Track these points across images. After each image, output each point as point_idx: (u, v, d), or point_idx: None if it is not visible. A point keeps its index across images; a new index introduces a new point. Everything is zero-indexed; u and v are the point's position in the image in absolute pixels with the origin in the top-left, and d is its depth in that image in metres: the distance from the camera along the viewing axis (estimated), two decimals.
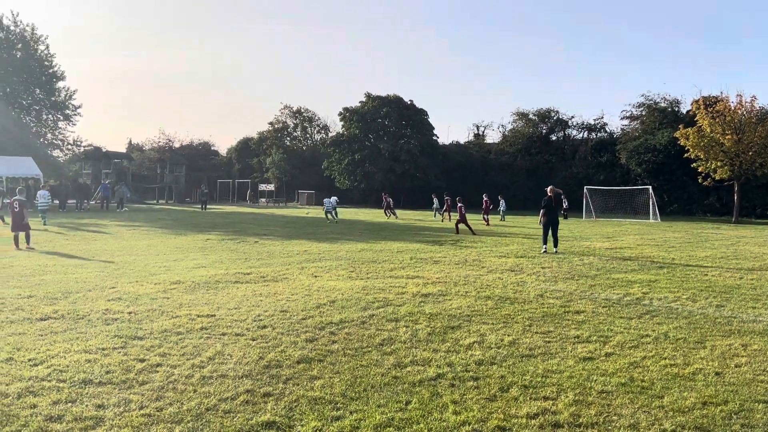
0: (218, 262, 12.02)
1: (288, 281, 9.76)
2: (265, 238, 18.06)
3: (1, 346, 5.58)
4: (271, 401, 4.32)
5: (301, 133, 75.52)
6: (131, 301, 7.79)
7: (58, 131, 48.78)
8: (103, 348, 5.56)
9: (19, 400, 4.23)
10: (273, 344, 5.83)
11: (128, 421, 3.91)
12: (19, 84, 45.48)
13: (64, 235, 17.79)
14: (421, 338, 6.16)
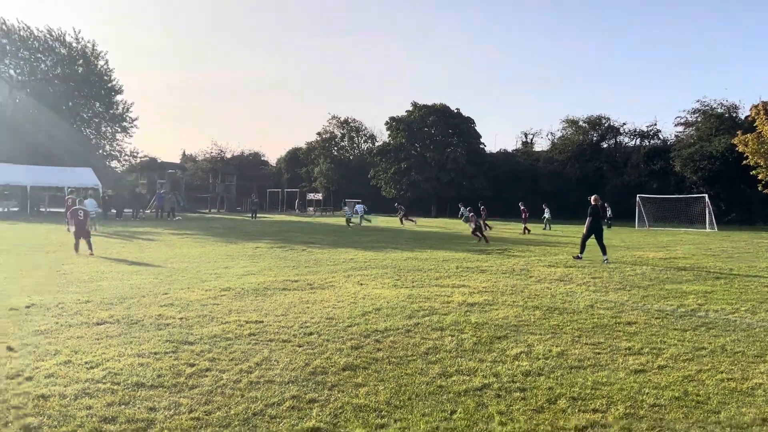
0: (267, 270, 12.22)
1: (334, 289, 9.84)
2: (313, 246, 18.27)
3: (60, 349, 5.81)
4: (316, 407, 4.36)
5: (349, 143, 76.23)
6: (183, 307, 7.99)
7: (116, 143, 50.67)
8: (155, 352, 5.73)
9: (75, 401, 4.39)
10: (319, 351, 5.88)
11: (178, 424, 4.00)
12: (80, 98, 47.51)
13: (120, 243, 18.41)
14: (467, 348, 6.10)
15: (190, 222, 34.28)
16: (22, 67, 45.90)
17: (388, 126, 62.08)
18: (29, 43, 45.46)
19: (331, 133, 74.46)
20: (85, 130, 48.92)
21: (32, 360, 5.39)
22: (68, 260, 13.35)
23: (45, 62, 46.56)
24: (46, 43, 46.07)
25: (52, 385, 4.73)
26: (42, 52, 46.18)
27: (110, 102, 48.93)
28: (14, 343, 5.96)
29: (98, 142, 50.00)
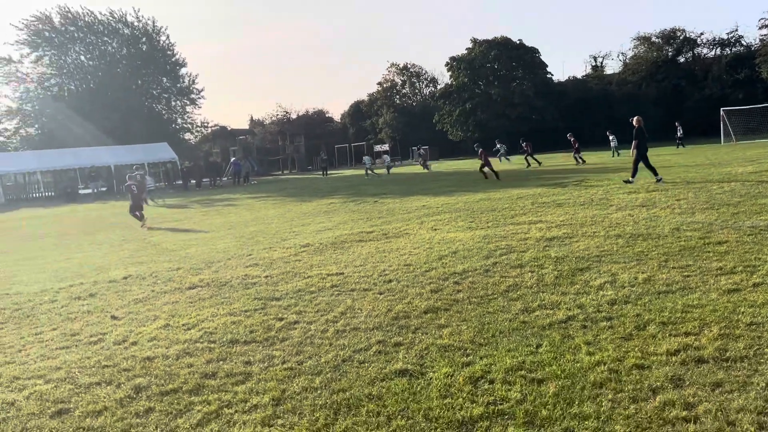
0: (342, 224, 12.43)
1: (409, 236, 9.91)
2: (384, 197, 18.39)
3: (158, 314, 6.19)
4: (402, 350, 4.46)
5: (410, 90, 75.30)
6: (266, 266, 8.30)
7: (186, 115, 52.33)
8: (245, 310, 6.00)
9: (177, 361, 4.69)
10: (399, 297, 5.98)
11: (273, 375, 4.21)
12: (147, 75, 49.11)
13: (201, 211, 19.19)
14: (548, 282, 6.03)
15: (264, 185, 35.23)
16: (92, 52, 47.79)
17: (449, 67, 60.72)
18: (95, 28, 47.13)
19: (392, 82, 73.71)
20: (156, 107, 50.73)
21: (135, 326, 5.78)
22: (155, 233, 14.07)
23: (111, 44, 48.25)
24: (110, 26, 47.63)
25: (155, 347, 5.06)
26: (107, 35, 47.83)
27: (176, 76, 50.35)
28: (117, 312, 6.40)
29: (170, 116, 51.78)
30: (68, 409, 3.94)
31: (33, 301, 7.26)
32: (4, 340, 5.65)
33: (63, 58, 47.00)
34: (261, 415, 3.59)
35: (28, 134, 48.15)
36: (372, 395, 3.73)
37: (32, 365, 4.86)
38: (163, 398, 3.97)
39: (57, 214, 23.50)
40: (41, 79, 47.14)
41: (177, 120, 52.21)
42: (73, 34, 46.33)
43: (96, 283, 8.03)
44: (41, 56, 46.36)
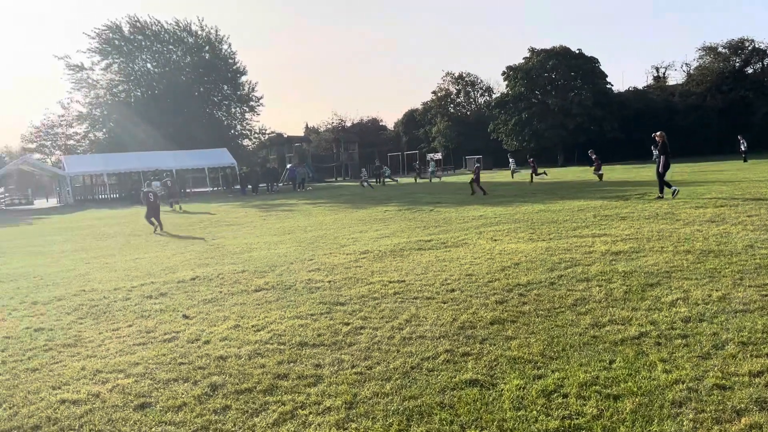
0: (399, 231, 12.49)
1: (468, 246, 9.88)
2: (440, 206, 18.37)
3: (227, 315, 6.37)
4: (470, 360, 4.46)
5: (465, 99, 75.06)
6: (328, 271, 8.43)
7: (245, 122, 53.65)
8: (311, 314, 6.12)
9: (250, 361, 4.83)
10: (464, 306, 5.97)
11: (344, 379, 4.28)
12: (209, 83, 50.66)
13: (261, 216, 19.61)
14: (617, 297, 5.91)
15: (320, 191, 35.71)
16: (157, 60, 49.65)
17: (505, 76, 60.22)
18: (161, 37, 48.99)
19: (446, 91, 73.63)
20: (217, 113, 52.24)
21: (206, 326, 5.97)
22: (218, 234, 14.47)
23: (176, 53, 50.02)
24: (175, 35, 49.40)
25: (227, 347, 5.22)
26: (173, 44, 49.63)
27: (236, 83, 51.74)
28: (188, 311, 6.63)
29: (230, 122, 53.22)
30: (149, 403, 4.11)
31: (108, 298, 7.59)
32: (84, 335, 5.93)
33: (131, 65, 49.02)
34: (335, 417, 3.66)
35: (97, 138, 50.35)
36: (444, 403, 3.75)
37: (112, 359, 5.09)
38: (239, 397, 4.10)
39: (123, 215, 24.45)
40: (110, 86, 49.26)
41: (236, 126, 53.65)
42: (141, 43, 48.32)
43: (166, 283, 8.33)
44: (111, 64, 48.47)
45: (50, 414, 4.01)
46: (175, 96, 47.99)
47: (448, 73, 73.79)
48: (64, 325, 6.37)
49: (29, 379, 4.74)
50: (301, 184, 40.68)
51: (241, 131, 53.71)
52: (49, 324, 6.42)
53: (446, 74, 73.92)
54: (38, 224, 22.85)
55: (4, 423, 3.92)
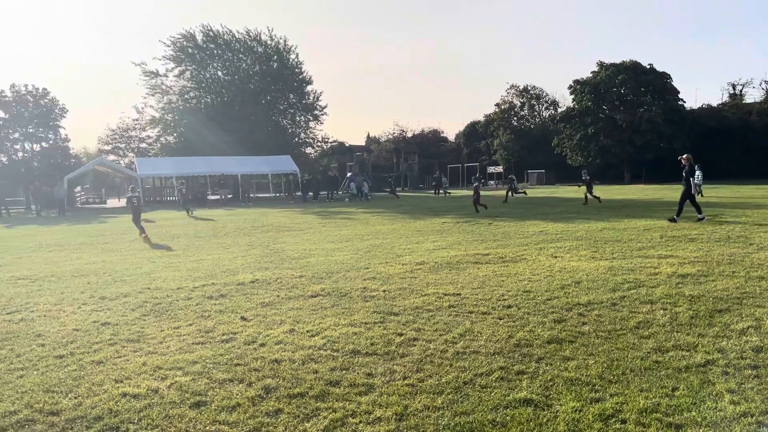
0: (456, 244, 12.39)
1: (527, 262, 9.69)
2: (499, 219, 18.13)
3: (283, 319, 6.47)
4: (525, 379, 4.36)
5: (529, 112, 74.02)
6: (383, 280, 8.44)
7: (309, 130, 54.56)
8: (365, 322, 6.13)
9: (303, 366, 4.88)
10: (520, 324, 5.85)
11: (395, 390, 4.26)
12: (276, 91, 51.83)
13: (320, 222, 19.87)
14: (683, 322, 5.66)
15: (378, 201, 35.90)
16: (228, 68, 51.19)
17: (572, 90, 59.07)
18: (232, 46, 50.54)
19: (510, 103, 72.81)
20: (282, 121, 53.36)
21: (263, 328, 6.08)
22: (278, 239, 14.75)
23: (245, 61, 51.43)
24: (245, 44, 50.86)
25: (282, 351, 5.30)
26: (243, 53, 51.08)
27: (302, 92, 52.71)
28: (246, 313, 6.77)
29: (294, 130, 54.23)
30: (205, 401, 4.21)
31: (171, 297, 7.85)
32: (147, 331, 6.15)
33: (202, 72, 50.76)
34: (385, 428, 3.65)
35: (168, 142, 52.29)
36: (496, 421, 3.68)
37: (172, 357, 5.24)
38: (291, 401, 4.14)
39: (187, 217, 25.26)
40: (182, 92, 51.13)
41: (300, 134, 54.59)
42: (212, 51, 50.00)
43: (226, 285, 8.54)
44: (184, 71, 50.32)
45: (112, 406, 4.16)
46: (242, 103, 49.34)
47: (512, 85, 72.91)
48: (128, 320, 6.62)
49: (94, 371, 4.94)
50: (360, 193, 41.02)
51: (305, 139, 54.65)
52: (115, 319, 6.69)
53: (511, 87, 73.09)
54: (110, 223, 23.91)
55: (69, 412, 4.09)
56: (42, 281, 9.50)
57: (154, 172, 43.37)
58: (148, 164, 44.01)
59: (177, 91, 51.07)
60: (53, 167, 41.76)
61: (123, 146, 60.73)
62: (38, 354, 5.44)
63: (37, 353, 5.46)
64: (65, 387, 4.56)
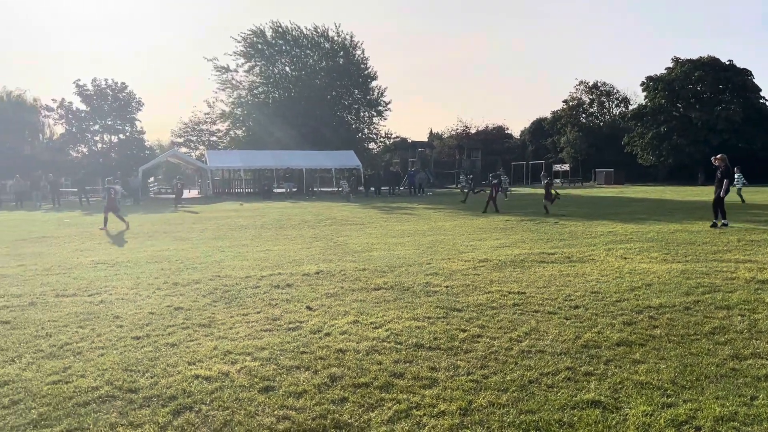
0: (520, 242, 12.22)
1: (595, 262, 9.45)
2: (565, 218, 17.73)
3: (347, 310, 6.57)
4: (593, 381, 4.27)
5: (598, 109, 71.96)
6: (446, 276, 8.42)
7: (372, 126, 54.96)
8: (428, 317, 6.15)
9: (368, 357, 4.94)
10: (588, 324, 5.72)
11: (459, 385, 4.26)
12: (341, 87, 52.45)
13: (382, 217, 19.99)
14: (763, 329, 5.39)
15: (439, 197, 35.76)
16: (295, 64, 52.22)
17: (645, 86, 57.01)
18: (300, 42, 51.48)
19: (579, 100, 70.99)
20: (346, 116, 53.97)
21: (328, 318, 6.19)
22: (341, 233, 14.94)
23: (312, 57, 52.31)
24: (312, 40, 51.70)
25: (346, 341, 5.38)
26: (310, 48, 51.96)
27: (367, 88, 53.15)
28: (312, 303, 6.91)
29: (357, 126, 54.78)
30: (273, 386, 4.33)
31: (239, 285, 8.09)
32: (217, 317, 6.37)
33: (271, 68, 51.94)
34: (449, 422, 3.65)
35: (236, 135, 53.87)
36: (563, 421, 3.62)
37: (241, 342, 5.42)
38: (356, 390, 4.21)
39: (256, 209, 25.94)
40: (251, 87, 52.51)
41: (363, 130, 55.11)
42: (281, 47, 51.10)
43: (292, 275, 8.74)
44: (253, 66, 51.67)
45: (185, 387, 4.34)
46: (308, 98, 50.19)
47: (581, 81, 71.03)
48: (200, 306, 6.88)
49: (168, 353, 5.16)
50: (422, 189, 40.97)
51: (368, 135, 55.14)
52: (187, 304, 6.96)
53: (580, 83, 71.26)
54: (181, 212, 24.84)
55: (146, 390, 4.30)
56: (119, 266, 9.99)
57: (223, 164, 44.72)
58: (217, 157, 45.42)
59: (246, 86, 52.48)
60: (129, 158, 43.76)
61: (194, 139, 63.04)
62: (117, 335, 5.74)
63: (116, 334, 5.76)
64: (142, 367, 4.79)
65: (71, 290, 7.88)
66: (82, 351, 5.22)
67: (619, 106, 71.07)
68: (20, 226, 18.63)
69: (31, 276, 9.12)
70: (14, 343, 5.50)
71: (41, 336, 5.71)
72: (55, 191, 32.69)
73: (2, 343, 5.50)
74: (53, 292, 7.75)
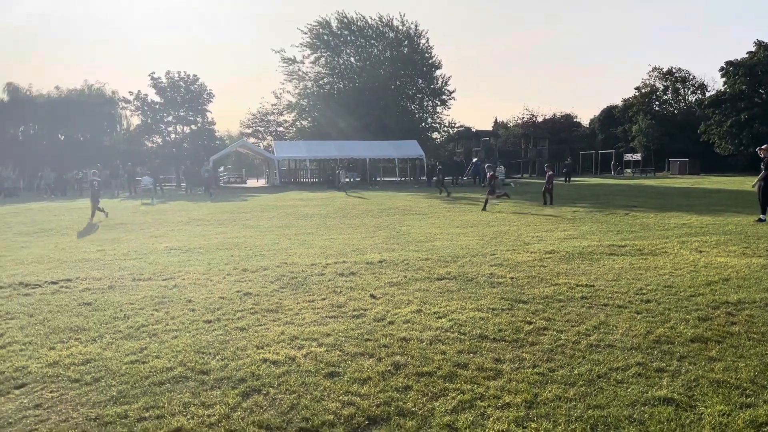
0: (589, 234, 11.89)
1: (668, 255, 9.09)
2: (636, 210, 17.11)
3: (411, 299, 6.58)
4: (666, 377, 4.12)
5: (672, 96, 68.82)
6: (511, 268, 8.30)
7: (436, 115, 54.61)
8: (493, 308, 6.08)
9: (431, 346, 4.94)
10: (660, 319, 5.52)
11: (524, 377, 4.20)
12: (405, 77, 52.34)
13: (445, 207, 19.89)
14: None
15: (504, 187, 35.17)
16: (360, 54, 52.45)
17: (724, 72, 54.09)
18: (365, 32, 51.66)
19: (652, 87, 68.10)
20: (410, 106, 53.83)
21: (391, 307, 6.23)
22: (404, 222, 14.97)
23: (377, 47, 52.39)
24: (377, 30, 51.76)
25: (410, 330, 5.40)
26: (375, 38, 52.05)
27: (431, 77, 52.82)
28: (375, 291, 6.97)
29: (421, 115, 54.53)
30: (338, 372, 4.40)
31: (305, 272, 8.25)
32: (284, 303, 6.52)
33: (336, 59, 52.39)
34: (514, 414, 3.62)
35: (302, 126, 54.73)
36: (633, 418, 3.52)
37: (307, 328, 5.53)
38: (420, 379, 4.22)
39: (321, 198, 26.34)
40: (317, 78, 53.15)
41: (427, 119, 54.79)
42: (346, 38, 51.41)
43: (356, 263, 8.83)
44: (319, 57, 52.25)
45: (254, 370, 4.47)
46: (372, 88, 50.33)
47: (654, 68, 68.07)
48: (268, 292, 7.06)
49: (238, 336, 5.33)
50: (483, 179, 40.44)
51: (431, 124, 54.79)
52: (256, 290, 7.16)
53: (653, 69, 68.31)
54: (250, 201, 25.51)
55: (217, 372, 4.46)
56: (191, 252, 10.37)
57: (290, 154, 45.56)
58: (284, 147, 46.32)
59: (312, 77, 53.17)
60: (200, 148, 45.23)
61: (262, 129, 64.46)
62: (189, 318, 5.97)
63: (189, 317, 6.00)
64: (213, 349, 4.97)
65: (147, 274, 8.26)
66: (157, 333, 5.46)
67: (695, 93, 67.75)
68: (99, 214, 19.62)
69: (110, 260, 9.61)
70: (95, 323, 5.82)
71: (120, 318, 6.01)
72: (132, 180, 34.27)
73: (85, 323, 5.83)
74: (130, 276, 8.13)
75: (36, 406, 3.92)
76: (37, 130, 44.12)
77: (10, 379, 4.39)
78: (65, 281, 7.87)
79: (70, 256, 10.20)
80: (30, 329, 5.64)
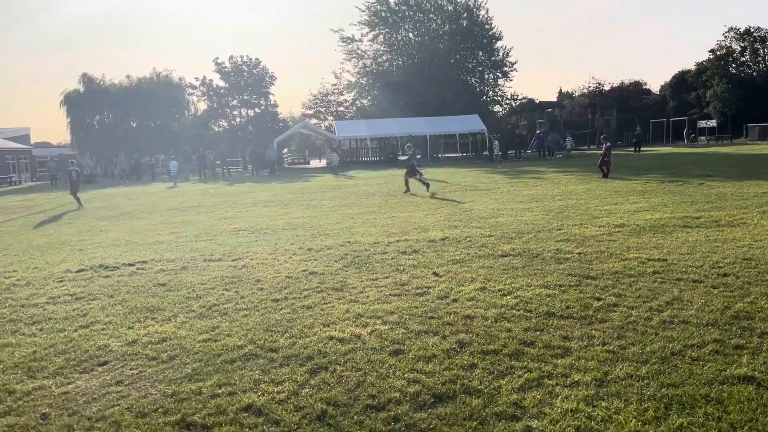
0: (661, 206, 11.42)
1: (747, 226, 8.63)
2: (711, 179, 16.29)
3: (474, 276, 6.53)
4: (746, 354, 3.94)
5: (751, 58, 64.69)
6: (579, 243, 8.09)
7: (497, 88, 53.47)
8: (560, 284, 5.96)
9: (496, 324, 4.90)
10: (739, 294, 5.26)
11: (593, 355, 4.10)
12: (464, 50, 51.40)
13: (508, 182, 19.55)
14: None
15: (571, 159, 34.22)
16: (418, 29, 51.81)
17: None
18: (422, 6, 50.93)
19: (728, 49, 64.15)
20: (470, 80, 52.90)
21: (455, 285, 6.20)
22: (466, 198, 14.81)
23: (435, 21, 51.58)
24: (435, 3, 50.91)
25: (474, 307, 5.37)
26: (433, 12, 51.24)
27: (491, 50, 51.63)
28: (438, 269, 6.95)
29: (482, 89, 53.50)
30: (403, 350, 4.43)
31: (368, 251, 8.32)
32: (349, 281, 6.61)
33: (394, 35, 51.96)
34: (583, 393, 3.54)
35: (362, 105, 54.82)
36: (710, 397, 3.38)
37: (371, 306, 5.59)
38: (485, 357, 4.20)
39: (382, 176, 26.41)
40: (375, 56, 52.96)
41: (488, 92, 53.71)
42: (404, 13, 50.84)
43: (418, 241, 8.83)
44: (377, 35, 51.97)
45: (321, 348, 4.56)
46: (432, 64, 49.71)
47: (731, 28, 63.97)
48: (332, 271, 7.17)
49: (305, 315, 5.44)
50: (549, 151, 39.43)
51: (493, 97, 53.65)
52: (321, 269, 7.28)
53: (729, 29, 64.26)
54: (313, 182, 25.89)
55: (285, 350, 4.57)
56: (258, 233, 10.64)
57: (351, 134, 45.78)
58: (345, 127, 46.58)
59: (371, 56, 53.01)
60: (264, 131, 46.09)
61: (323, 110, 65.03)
62: (258, 297, 6.14)
63: (258, 296, 6.17)
64: (281, 327, 5.10)
65: (217, 255, 8.54)
66: (227, 312, 5.65)
67: None
68: (173, 198, 20.40)
69: (183, 242, 9.98)
70: (170, 303, 6.07)
71: (192, 297, 6.25)
72: (202, 164, 35.36)
73: (160, 303, 6.10)
74: (202, 257, 8.43)
75: (117, 382, 4.14)
76: (111, 119, 45.99)
77: (94, 357, 4.65)
78: (141, 263, 8.24)
79: (145, 238, 10.66)
80: (110, 309, 5.95)
